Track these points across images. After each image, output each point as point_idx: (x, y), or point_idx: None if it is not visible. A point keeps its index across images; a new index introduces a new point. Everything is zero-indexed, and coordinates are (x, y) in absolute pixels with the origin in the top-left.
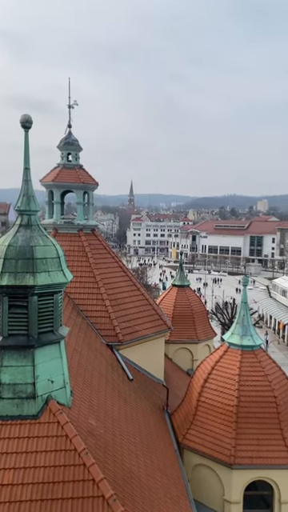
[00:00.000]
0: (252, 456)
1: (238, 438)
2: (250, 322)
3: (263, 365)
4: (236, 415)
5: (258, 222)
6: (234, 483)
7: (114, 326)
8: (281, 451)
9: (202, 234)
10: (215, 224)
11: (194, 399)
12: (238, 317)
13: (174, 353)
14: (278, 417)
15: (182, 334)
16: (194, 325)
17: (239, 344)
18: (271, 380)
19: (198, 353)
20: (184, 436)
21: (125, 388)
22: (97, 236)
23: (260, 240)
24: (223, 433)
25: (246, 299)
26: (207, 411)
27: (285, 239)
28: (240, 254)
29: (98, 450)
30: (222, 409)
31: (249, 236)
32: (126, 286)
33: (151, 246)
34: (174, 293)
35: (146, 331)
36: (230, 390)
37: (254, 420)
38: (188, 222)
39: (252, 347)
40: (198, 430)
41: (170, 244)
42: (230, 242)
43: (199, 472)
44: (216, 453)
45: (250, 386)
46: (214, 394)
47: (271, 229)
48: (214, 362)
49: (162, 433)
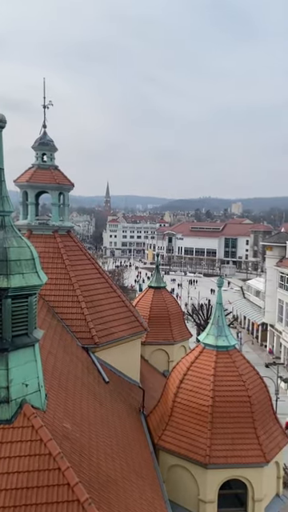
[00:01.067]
0: (227, 455)
1: (213, 438)
2: (224, 322)
3: (237, 365)
4: (211, 415)
5: (233, 224)
6: (208, 483)
7: (90, 329)
8: (254, 450)
9: (178, 236)
10: (191, 226)
11: (169, 400)
12: (213, 317)
13: (151, 354)
14: (251, 416)
15: (158, 335)
16: (170, 326)
17: (214, 345)
18: (245, 380)
19: (173, 354)
20: (160, 437)
21: (101, 390)
22: (72, 237)
23: (234, 242)
24: (198, 433)
25: (220, 300)
26: (183, 412)
27: (258, 241)
28: (215, 256)
29: (73, 454)
30: (198, 409)
31: (223, 238)
32: (102, 287)
33: (128, 247)
34: (151, 294)
35: (122, 333)
36: (205, 390)
37: (228, 420)
38: (164, 224)
39: (227, 347)
40: (173, 430)
41: (147, 246)
42: (205, 243)
43: (174, 473)
44: (191, 453)
45: (225, 386)
46: (190, 395)
47: (245, 231)
48: (189, 363)
49: (137, 435)
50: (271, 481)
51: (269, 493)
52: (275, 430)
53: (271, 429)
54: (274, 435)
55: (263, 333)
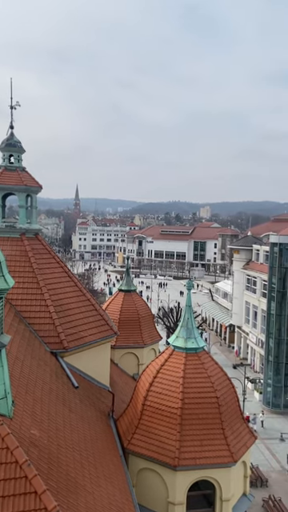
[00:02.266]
0: (195, 457)
1: (182, 440)
2: (194, 325)
3: (206, 367)
4: (180, 417)
5: (201, 227)
6: (177, 485)
7: (59, 333)
8: (222, 450)
9: (148, 239)
10: (161, 229)
11: (139, 403)
12: (182, 320)
13: (120, 358)
14: (220, 417)
15: (128, 338)
16: (140, 329)
17: (183, 347)
18: (214, 381)
19: (143, 357)
20: (129, 441)
21: (70, 396)
22: (40, 240)
23: (203, 245)
24: (168, 435)
25: (190, 303)
26: (152, 415)
27: (226, 244)
28: (184, 259)
29: (41, 461)
30: (167, 411)
31: (193, 241)
32: (72, 291)
33: (97, 250)
34: (121, 298)
35: (91, 337)
36: (174, 392)
37: (197, 421)
38: (134, 227)
39: (196, 350)
40: (143, 434)
41: (117, 249)
42: (175, 246)
43: (144, 476)
44: (161, 456)
45: (194, 388)
46: (159, 398)
47: (213, 234)
48: (159, 366)
49: (107, 439)
50: (239, 480)
51: (236, 492)
52: (242, 429)
53: (239, 429)
54: (241, 435)
55: (231, 334)
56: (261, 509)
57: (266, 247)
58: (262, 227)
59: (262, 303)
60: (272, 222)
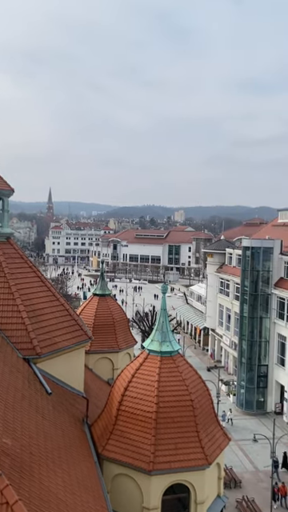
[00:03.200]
0: (170, 460)
1: (157, 444)
2: (168, 328)
3: (181, 370)
4: (155, 421)
5: (176, 231)
6: (152, 489)
7: (32, 339)
8: (197, 453)
9: (122, 243)
10: (136, 233)
11: (114, 408)
12: (157, 324)
13: (95, 363)
14: (194, 420)
15: (102, 343)
16: (115, 334)
17: (158, 350)
18: (188, 384)
19: (118, 362)
20: (104, 447)
21: (43, 403)
22: (12, 244)
23: (178, 249)
24: (143, 440)
25: (165, 306)
26: (127, 419)
27: (200, 248)
28: (159, 263)
29: (13, 471)
30: (142, 416)
31: (167, 245)
32: (45, 296)
33: (71, 254)
34: (95, 302)
35: (65, 342)
36: (149, 396)
37: (172, 425)
38: (109, 231)
39: (171, 353)
40: (117, 439)
41: (91, 253)
42: (149, 250)
43: (119, 482)
44: (135, 461)
45: (169, 392)
46: (134, 402)
47: (187, 238)
48: (134, 370)
49: (81, 446)
50: (213, 482)
51: (210, 494)
52: (217, 432)
53: (213, 431)
54: (215, 437)
55: (205, 337)
56: (234, 510)
57: (239, 251)
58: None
59: (235, 306)
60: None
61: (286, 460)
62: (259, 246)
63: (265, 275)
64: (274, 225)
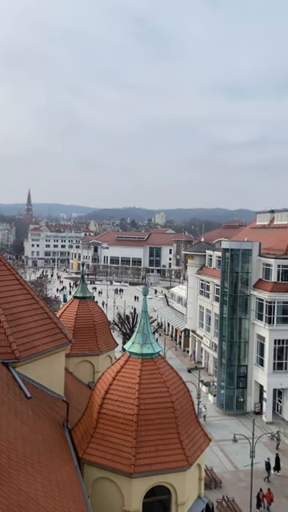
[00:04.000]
0: (151, 462)
1: (138, 447)
2: (149, 330)
3: (162, 372)
4: (136, 424)
5: (157, 233)
6: (133, 492)
7: (10, 343)
8: (178, 454)
9: (103, 245)
10: (116, 235)
11: (94, 412)
12: (138, 326)
13: (75, 366)
14: (175, 421)
15: (83, 346)
16: (95, 336)
17: (139, 353)
18: (169, 386)
19: (99, 365)
20: (84, 451)
21: (22, 407)
22: None
23: (158, 251)
24: (124, 443)
25: (146, 308)
26: (108, 423)
27: (180, 250)
28: (140, 265)
29: None
30: (123, 419)
31: (148, 247)
32: (24, 299)
33: (51, 257)
34: (76, 305)
35: (45, 346)
36: (130, 399)
37: (153, 427)
38: (89, 233)
39: (152, 355)
40: (98, 442)
41: (72, 255)
42: (130, 252)
43: (99, 486)
44: (116, 464)
45: (150, 394)
46: (115, 405)
47: (168, 240)
48: (114, 373)
49: (61, 450)
50: (193, 483)
51: (191, 495)
52: (197, 433)
53: (193, 432)
54: (196, 438)
55: (186, 338)
56: (215, 510)
57: (219, 253)
58: (214, 233)
59: (215, 307)
60: (223, 229)
61: (278, 462)
62: (238, 248)
63: (244, 277)
64: (253, 227)
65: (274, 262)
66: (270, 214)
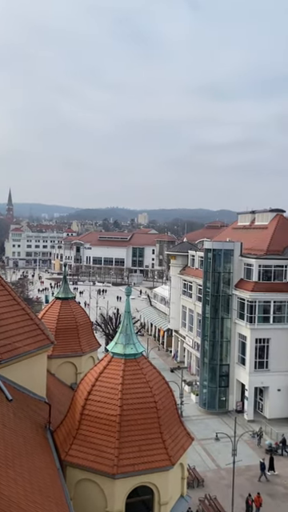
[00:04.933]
0: (134, 463)
1: (121, 447)
2: (132, 330)
3: (145, 372)
4: (119, 424)
5: (140, 234)
6: (116, 493)
7: None
8: (160, 454)
9: (86, 246)
10: (99, 235)
11: (77, 413)
12: (121, 326)
13: (57, 367)
14: (158, 421)
15: (65, 347)
16: (78, 337)
17: (122, 353)
18: (152, 386)
19: (82, 366)
20: (67, 452)
21: (3, 410)
22: None
23: (141, 251)
24: (106, 444)
25: (128, 309)
26: (91, 424)
27: (163, 250)
28: (123, 265)
29: None
30: (106, 419)
31: (131, 247)
32: (5, 300)
33: (33, 257)
34: (58, 306)
35: (26, 347)
36: (113, 399)
37: (136, 427)
38: (72, 233)
39: (135, 355)
40: (81, 444)
41: (53, 255)
42: (113, 253)
43: (82, 487)
44: (99, 465)
45: (133, 394)
46: (98, 406)
47: (151, 241)
48: (97, 374)
49: (43, 452)
50: (176, 483)
51: (174, 495)
52: (180, 432)
53: (176, 432)
54: (178, 438)
55: (168, 338)
56: (197, 508)
57: (201, 253)
58: (197, 233)
59: (197, 307)
60: (205, 229)
61: (272, 462)
62: (220, 249)
63: (226, 277)
64: (234, 227)
65: (255, 262)
66: (251, 215)
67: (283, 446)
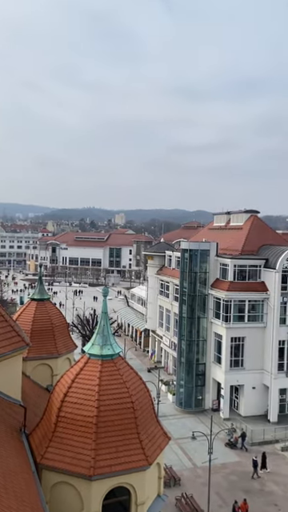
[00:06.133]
0: (111, 464)
1: (98, 449)
2: (109, 331)
3: (121, 372)
4: (96, 426)
5: (117, 234)
6: (93, 495)
7: None
8: (137, 454)
9: (62, 246)
10: (75, 236)
11: (53, 415)
12: (98, 327)
13: (33, 370)
14: (135, 421)
15: (41, 349)
16: (54, 339)
17: (99, 354)
18: (129, 386)
19: (58, 367)
20: (42, 455)
21: None
22: None
23: (118, 252)
24: (83, 445)
25: (105, 309)
26: (67, 426)
27: (140, 251)
28: (100, 266)
29: None
30: (83, 421)
31: (108, 248)
32: None
33: (7, 258)
34: (33, 307)
35: (1, 350)
36: (90, 401)
37: (113, 428)
38: (47, 234)
39: (112, 356)
40: (57, 446)
41: (28, 256)
42: (90, 253)
43: (58, 490)
44: (76, 467)
45: (109, 395)
46: (74, 408)
47: (128, 241)
48: (74, 375)
49: (18, 457)
50: (153, 482)
51: (151, 494)
52: (157, 432)
53: (153, 431)
54: (155, 437)
55: (146, 339)
56: (174, 508)
57: (178, 253)
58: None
59: (174, 307)
60: (182, 229)
61: (264, 460)
62: (197, 249)
63: (202, 276)
64: (210, 228)
65: (231, 262)
66: (227, 216)
67: (242, 440)
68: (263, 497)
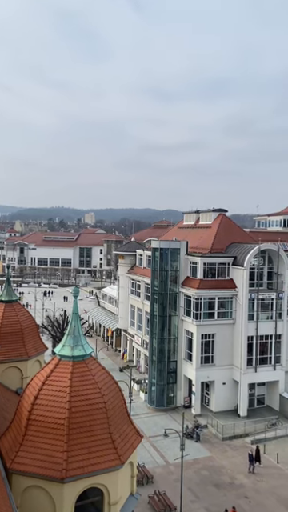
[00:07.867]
0: (83, 465)
1: (70, 451)
2: (80, 332)
3: (93, 373)
4: (67, 427)
5: (87, 234)
6: (65, 497)
7: None
8: (110, 454)
9: (30, 246)
10: (44, 236)
11: (23, 418)
12: (69, 328)
13: (2, 373)
14: (107, 422)
15: (9, 352)
16: (23, 341)
17: (70, 355)
18: (101, 387)
19: (27, 370)
20: (13, 460)
21: None
22: None
23: (89, 251)
24: (55, 448)
25: (76, 310)
26: (38, 429)
27: (111, 250)
28: (70, 266)
29: None
30: (54, 423)
31: (78, 247)
32: None
33: None
34: (1, 309)
35: None
36: (61, 403)
37: (85, 429)
38: (15, 234)
39: (83, 357)
40: (28, 450)
41: None
42: (59, 253)
43: (29, 495)
44: (47, 470)
45: (81, 396)
46: (45, 410)
47: (98, 241)
48: (44, 377)
49: None
50: (126, 481)
51: (124, 494)
52: (129, 431)
53: (126, 431)
54: (128, 436)
55: (117, 338)
56: (147, 505)
57: (149, 252)
58: (144, 233)
59: (145, 306)
60: (153, 228)
61: (258, 454)
62: (167, 248)
63: (173, 275)
64: (180, 227)
65: (200, 260)
66: (196, 215)
67: (196, 429)
68: (234, 490)
